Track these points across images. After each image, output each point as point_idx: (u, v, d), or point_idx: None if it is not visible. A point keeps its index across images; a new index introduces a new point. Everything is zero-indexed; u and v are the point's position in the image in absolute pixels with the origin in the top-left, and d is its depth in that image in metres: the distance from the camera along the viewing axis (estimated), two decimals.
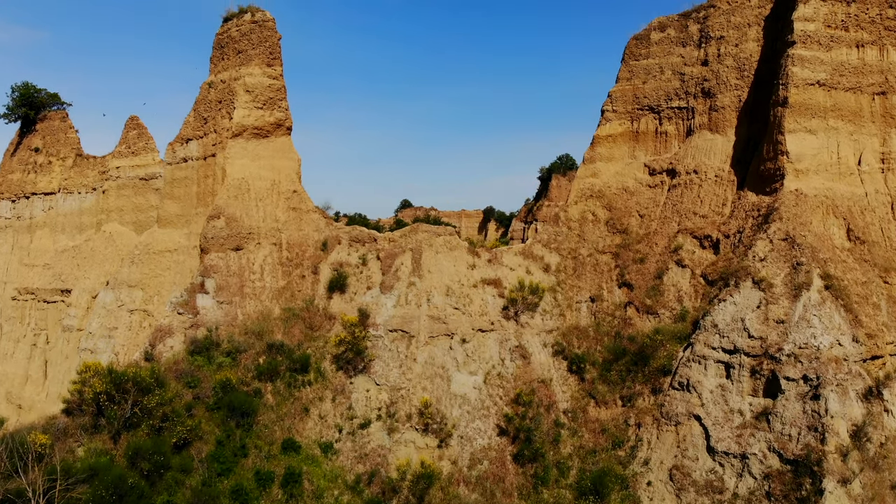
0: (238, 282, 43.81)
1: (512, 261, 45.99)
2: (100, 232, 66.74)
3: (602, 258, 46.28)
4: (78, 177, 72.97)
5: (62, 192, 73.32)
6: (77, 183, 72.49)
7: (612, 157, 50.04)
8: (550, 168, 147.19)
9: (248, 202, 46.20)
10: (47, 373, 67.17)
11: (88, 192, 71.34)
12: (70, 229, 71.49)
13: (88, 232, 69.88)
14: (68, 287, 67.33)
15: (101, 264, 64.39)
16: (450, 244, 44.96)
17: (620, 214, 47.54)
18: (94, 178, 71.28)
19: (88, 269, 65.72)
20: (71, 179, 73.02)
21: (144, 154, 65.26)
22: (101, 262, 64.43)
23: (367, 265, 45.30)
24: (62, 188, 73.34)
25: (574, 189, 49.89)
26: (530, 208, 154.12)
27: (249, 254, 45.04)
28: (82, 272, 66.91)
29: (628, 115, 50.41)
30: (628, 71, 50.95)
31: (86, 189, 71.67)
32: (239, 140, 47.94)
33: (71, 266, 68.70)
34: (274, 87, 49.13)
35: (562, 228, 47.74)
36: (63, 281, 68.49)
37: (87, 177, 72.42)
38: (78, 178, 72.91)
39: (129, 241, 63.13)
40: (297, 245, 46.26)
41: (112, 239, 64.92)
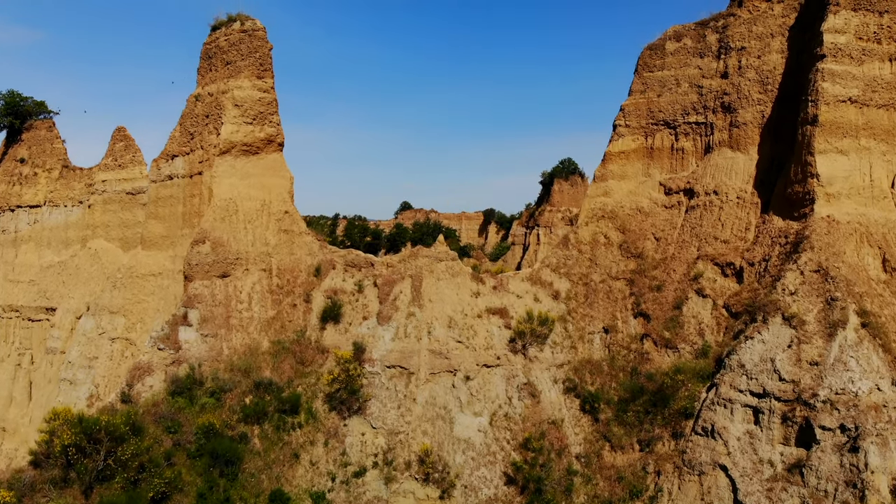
0: (224, 312, 40.42)
1: (518, 287, 42.59)
2: (85, 248, 63.41)
3: (616, 285, 42.88)
4: (64, 189, 69.64)
5: (48, 204, 69.95)
6: (63, 196, 69.18)
7: (625, 174, 46.63)
8: (552, 172, 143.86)
9: (235, 224, 42.82)
10: (31, 395, 63.87)
11: (75, 206, 68.03)
12: (56, 244, 68.12)
13: (74, 247, 66.53)
14: (53, 305, 63.98)
15: (86, 283, 61.02)
16: (452, 270, 41.58)
17: (635, 237, 44.14)
18: (81, 190, 67.97)
19: (73, 288, 62.35)
20: (57, 192, 69.67)
21: (132, 167, 61.92)
22: (86, 280, 61.07)
23: (363, 292, 41.90)
24: (48, 201, 69.96)
25: (584, 209, 46.48)
26: (532, 213, 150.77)
27: (237, 281, 41.67)
28: (67, 290, 63.56)
29: (642, 131, 46.99)
30: (642, 83, 47.53)
31: (72, 202, 68.38)
32: (227, 157, 44.54)
33: (56, 283, 65.31)
34: (264, 100, 45.73)
35: (572, 252, 44.34)
36: (48, 299, 65.11)
37: (73, 189, 69.10)
38: (64, 190, 69.59)
39: (114, 259, 59.81)
40: (288, 271, 42.87)
41: (97, 256, 61.55)
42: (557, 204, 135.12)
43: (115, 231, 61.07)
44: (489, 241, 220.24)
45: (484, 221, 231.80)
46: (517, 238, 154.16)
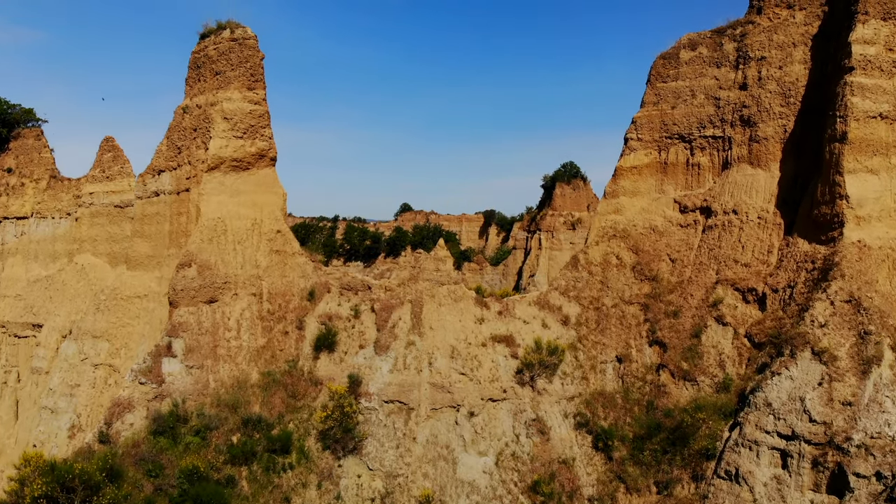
0: (211, 341, 37.64)
1: (525, 312, 39.82)
2: (71, 263, 60.61)
3: (629, 310, 40.09)
4: (52, 200, 66.85)
5: (35, 216, 67.11)
6: (51, 207, 66.40)
7: (638, 191, 43.84)
8: (554, 176, 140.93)
9: (224, 246, 40.04)
10: (18, 414, 61.11)
11: (63, 218, 65.23)
12: (43, 257, 65.30)
13: (62, 261, 63.72)
14: (40, 322, 61.16)
15: (72, 300, 58.19)
16: (455, 295, 38.81)
17: (649, 258, 41.35)
18: (69, 202, 65.19)
19: (59, 305, 59.53)
20: (44, 203, 66.87)
21: (120, 179, 59.05)
22: (72, 297, 58.23)
23: (359, 318, 39.12)
24: (35, 212, 67.13)
25: (594, 227, 43.69)
26: (533, 217, 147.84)
27: (225, 307, 38.88)
28: (54, 306, 60.74)
29: (655, 145, 44.19)
30: (655, 94, 44.72)
31: (59, 214, 65.60)
32: (215, 174, 41.76)
33: (43, 298, 62.47)
34: (256, 113, 42.93)
35: (582, 273, 41.54)
36: (35, 314, 62.26)
37: (61, 200, 66.31)
38: (52, 201, 66.80)
39: (102, 275, 56.98)
40: (280, 295, 40.08)
41: (84, 272, 58.72)
42: (559, 208, 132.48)
43: (102, 246, 58.24)
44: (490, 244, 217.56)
45: (484, 223, 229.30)
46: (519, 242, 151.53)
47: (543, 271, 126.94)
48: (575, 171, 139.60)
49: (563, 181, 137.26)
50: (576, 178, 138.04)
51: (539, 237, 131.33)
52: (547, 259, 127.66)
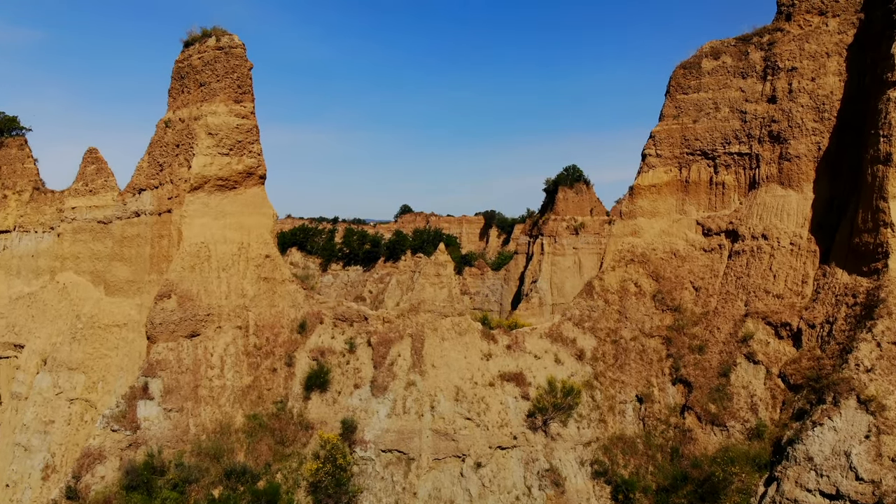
0: (192, 381, 34.06)
1: (536, 345, 36.22)
2: (53, 282, 57.00)
3: (650, 343, 36.49)
4: (35, 214, 63.20)
5: (18, 230, 63.51)
6: (34, 220, 62.76)
7: (657, 211, 40.20)
8: (556, 180, 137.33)
9: (207, 273, 36.43)
10: None
11: (46, 232, 61.60)
12: (26, 273, 61.61)
13: (44, 278, 60.03)
14: (21, 342, 57.50)
15: (53, 321, 54.54)
16: (459, 327, 35.21)
17: (670, 286, 37.74)
18: (52, 215, 61.55)
19: (40, 326, 55.87)
20: (27, 216, 63.21)
21: (103, 193, 55.32)
22: (53, 319, 54.58)
23: (354, 352, 35.54)
24: (18, 226, 63.53)
25: (610, 250, 40.08)
26: (535, 221, 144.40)
27: (208, 341, 35.29)
28: (36, 326, 57.12)
29: (675, 161, 40.54)
30: (675, 107, 41.05)
31: (42, 228, 61.93)
32: (199, 194, 38.14)
33: (25, 317, 58.81)
34: (243, 127, 39.30)
35: (597, 302, 37.93)
36: (17, 334, 58.59)
37: (44, 214, 62.66)
38: (35, 214, 63.15)
39: (84, 295, 53.28)
40: (268, 327, 36.49)
41: (66, 291, 55.05)
42: (562, 212, 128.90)
43: (85, 263, 54.54)
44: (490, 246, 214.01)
45: (485, 225, 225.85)
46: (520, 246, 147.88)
47: (546, 277, 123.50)
48: (578, 175, 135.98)
49: (566, 185, 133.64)
50: (578, 181, 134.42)
51: (541, 242, 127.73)
52: (550, 264, 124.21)
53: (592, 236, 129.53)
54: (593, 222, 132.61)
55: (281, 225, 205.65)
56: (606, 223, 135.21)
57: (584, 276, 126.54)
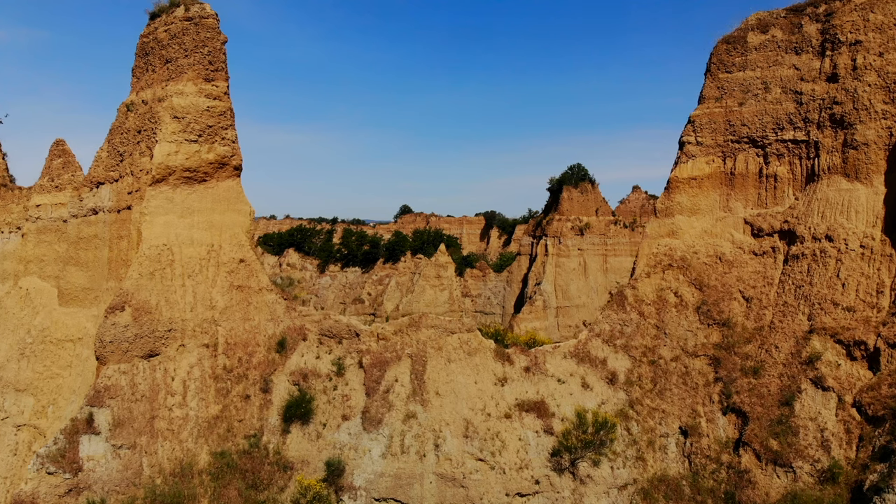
0: (147, 411, 27.83)
1: (560, 367, 29.99)
2: (17, 287, 50.78)
3: (694, 364, 30.29)
4: (1, 212, 57.15)
5: None
6: (0, 220, 56.71)
7: (698, 208, 33.99)
8: (561, 179, 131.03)
9: (170, 281, 30.21)
10: None
11: (12, 232, 55.43)
12: None
13: (9, 283, 53.93)
14: None
15: (14, 331, 48.13)
16: (468, 346, 29.00)
17: (716, 296, 31.52)
18: (20, 214, 55.44)
19: (1, 337, 49.79)
20: None
21: (70, 189, 49.24)
22: (14, 329, 48.14)
23: (343, 376, 29.32)
24: None
25: (643, 253, 33.86)
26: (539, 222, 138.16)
27: (168, 363, 29.06)
28: None
29: (719, 150, 34.33)
30: (717, 87, 34.85)
31: (10, 228, 55.76)
32: (162, 188, 31.94)
33: None
34: (215, 110, 33.09)
35: (630, 314, 31.69)
36: None
37: (11, 212, 56.37)
38: (1, 213, 57.10)
39: (48, 303, 47.13)
40: (240, 345, 30.25)
41: (29, 298, 48.68)
42: (567, 212, 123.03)
43: (50, 268, 48.11)
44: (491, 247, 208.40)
45: (486, 225, 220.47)
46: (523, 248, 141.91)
47: (550, 279, 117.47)
48: (583, 174, 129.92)
49: (571, 184, 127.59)
50: (583, 181, 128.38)
51: (545, 243, 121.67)
52: (554, 266, 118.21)
53: (598, 237, 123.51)
54: (599, 223, 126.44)
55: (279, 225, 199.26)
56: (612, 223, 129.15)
57: (590, 278, 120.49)
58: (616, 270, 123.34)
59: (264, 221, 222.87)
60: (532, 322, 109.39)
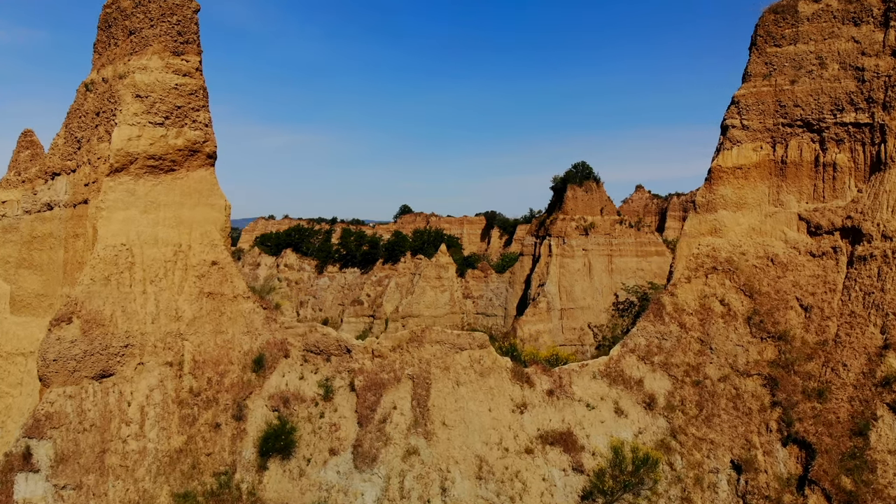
0: (97, 443, 22.95)
1: (588, 389, 25.10)
2: None
3: (746, 385, 25.40)
4: None
5: None
6: None
7: (744, 202, 29.08)
8: (565, 177, 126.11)
9: (128, 288, 25.33)
10: None
11: None
12: None
13: None
14: None
15: None
16: (480, 365, 24.12)
17: (770, 305, 26.63)
18: None
19: None
20: None
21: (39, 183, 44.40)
22: None
23: (331, 400, 24.44)
24: None
25: (681, 254, 28.94)
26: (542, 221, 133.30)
27: (124, 385, 24.18)
28: None
29: (768, 135, 29.43)
30: (765, 63, 29.95)
31: None
32: (122, 178, 27.05)
33: None
34: (184, 88, 28.21)
35: (669, 326, 26.80)
36: None
37: None
38: None
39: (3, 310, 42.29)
40: (211, 363, 25.34)
41: None
42: (571, 212, 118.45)
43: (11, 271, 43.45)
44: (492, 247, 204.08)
45: (486, 226, 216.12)
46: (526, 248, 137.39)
47: (554, 280, 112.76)
48: (587, 172, 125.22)
49: (575, 183, 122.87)
50: (588, 179, 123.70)
51: (549, 243, 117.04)
52: (558, 267, 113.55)
53: (603, 237, 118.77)
54: (604, 222, 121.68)
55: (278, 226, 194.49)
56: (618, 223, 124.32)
57: (595, 279, 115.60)
58: (622, 271, 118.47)
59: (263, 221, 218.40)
60: (536, 324, 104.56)
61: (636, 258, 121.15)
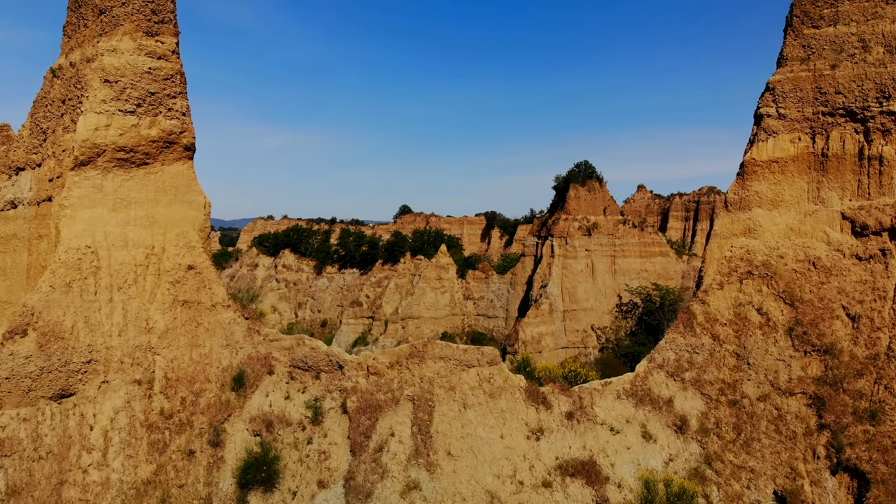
0: (55, 473, 19.91)
1: (612, 411, 22.06)
2: None
3: (789, 405, 22.37)
4: None
5: None
6: None
7: (781, 199, 26.06)
8: (567, 177, 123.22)
9: (92, 296, 22.31)
10: None
11: None
12: None
13: None
14: None
15: None
16: (490, 385, 21.09)
17: (814, 314, 23.62)
18: None
19: None
20: None
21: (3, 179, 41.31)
22: None
23: (320, 424, 21.40)
24: None
25: (712, 257, 25.90)
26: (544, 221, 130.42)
27: (86, 406, 21.15)
28: None
29: (807, 125, 26.40)
30: (802, 46, 26.93)
31: None
32: (88, 172, 24.03)
33: None
34: (159, 73, 25.18)
35: (701, 339, 23.77)
36: None
37: None
38: None
39: None
40: (185, 380, 22.31)
41: None
42: (574, 212, 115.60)
43: None
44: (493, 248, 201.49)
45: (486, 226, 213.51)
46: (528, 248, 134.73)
47: (557, 281, 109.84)
48: (590, 172, 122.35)
49: (578, 182, 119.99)
50: (591, 178, 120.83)
51: (551, 244, 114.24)
52: (560, 268, 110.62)
53: (606, 237, 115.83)
54: (607, 222, 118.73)
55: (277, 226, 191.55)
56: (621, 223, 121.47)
57: (598, 280, 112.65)
58: (625, 272, 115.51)
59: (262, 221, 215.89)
60: (538, 326, 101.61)
61: (640, 259, 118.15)
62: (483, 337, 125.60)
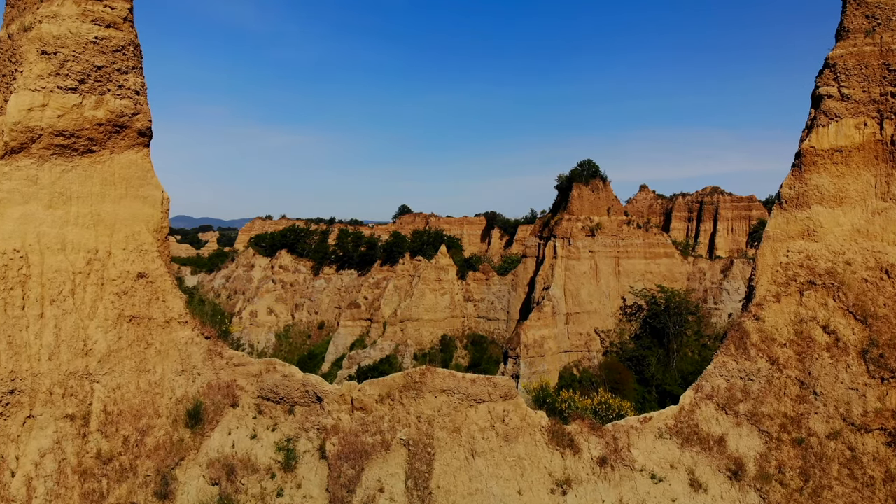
0: None
1: (653, 454, 17.78)
2: None
3: (866, 445, 18.13)
4: None
5: None
6: None
7: (845, 195, 21.81)
8: (570, 176, 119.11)
9: (18, 311, 18.03)
10: None
11: None
12: None
13: None
14: None
15: None
16: (504, 424, 16.76)
17: (890, 332, 19.35)
18: None
19: None
20: None
21: None
22: None
23: (294, 472, 17.12)
24: None
25: (766, 263, 21.62)
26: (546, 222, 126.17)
27: (6, 447, 16.80)
28: None
29: (874, 108, 22.13)
30: (865, 16, 22.66)
31: None
32: (20, 161, 19.77)
33: None
34: (107, 43, 20.91)
35: (757, 363, 19.50)
36: None
37: None
38: None
39: None
40: (130, 415, 18.03)
41: None
42: (577, 212, 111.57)
43: None
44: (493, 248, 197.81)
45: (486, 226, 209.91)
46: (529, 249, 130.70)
47: (559, 283, 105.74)
48: (594, 171, 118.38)
49: (581, 181, 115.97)
50: (594, 177, 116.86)
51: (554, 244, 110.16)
52: (563, 269, 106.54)
53: (610, 238, 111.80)
54: (611, 223, 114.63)
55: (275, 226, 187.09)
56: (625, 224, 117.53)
57: (601, 282, 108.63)
58: (629, 274, 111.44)
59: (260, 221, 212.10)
60: (540, 329, 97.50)
61: (644, 260, 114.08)
62: (484, 340, 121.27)
